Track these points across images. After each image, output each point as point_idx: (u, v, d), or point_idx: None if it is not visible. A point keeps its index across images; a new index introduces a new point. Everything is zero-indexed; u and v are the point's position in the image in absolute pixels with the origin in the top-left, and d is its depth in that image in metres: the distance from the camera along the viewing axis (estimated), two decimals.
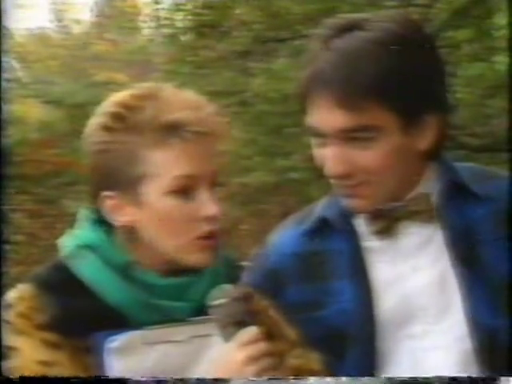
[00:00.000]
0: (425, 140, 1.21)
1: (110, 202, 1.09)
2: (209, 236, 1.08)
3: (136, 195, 1.08)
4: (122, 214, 1.09)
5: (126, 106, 1.08)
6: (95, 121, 1.11)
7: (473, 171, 1.30)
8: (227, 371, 1.02)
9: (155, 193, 1.07)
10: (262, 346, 1.03)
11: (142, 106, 1.07)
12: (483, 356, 1.18)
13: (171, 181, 1.07)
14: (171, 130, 1.07)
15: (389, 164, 1.19)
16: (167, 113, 1.07)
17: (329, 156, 1.19)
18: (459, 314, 1.21)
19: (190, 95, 1.12)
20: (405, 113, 1.18)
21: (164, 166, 1.07)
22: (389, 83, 1.16)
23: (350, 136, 1.18)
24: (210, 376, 1.04)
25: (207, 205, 1.07)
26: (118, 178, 1.08)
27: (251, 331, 1.05)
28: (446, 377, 1.12)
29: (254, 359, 1.02)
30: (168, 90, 1.11)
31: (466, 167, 1.30)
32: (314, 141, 1.23)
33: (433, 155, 1.24)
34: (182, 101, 1.09)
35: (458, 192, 1.25)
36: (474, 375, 1.15)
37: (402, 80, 1.17)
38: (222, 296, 1.07)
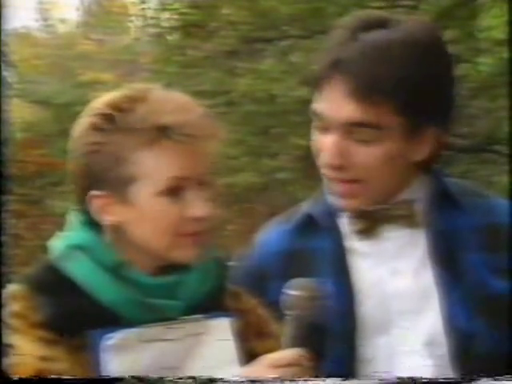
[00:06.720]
0: (421, 152, 1.21)
1: (97, 201, 1.09)
2: (196, 234, 1.10)
3: (125, 195, 1.08)
4: (110, 214, 1.09)
5: (117, 107, 1.09)
6: (84, 121, 1.11)
7: (463, 186, 1.31)
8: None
9: (145, 193, 1.08)
10: (295, 371, 1.04)
11: (133, 108, 1.09)
12: (459, 360, 1.19)
13: (162, 182, 1.07)
14: (162, 132, 1.08)
15: (383, 166, 1.19)
16: (158, 115, 1.08)
17: (328, 144, 1.18)
18: (437, 318, 1.21)
19: (178, 97, 1.13)
20: (411, 120, 1.18)
21: (155, 167, 1.07)
22: (404, 86, 1.15)
23: (353, 130, 1.17)
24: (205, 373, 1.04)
25: (196, 205, 1.09)
26: (106, 178, 1.08)
27: (291, 353, 1.05)
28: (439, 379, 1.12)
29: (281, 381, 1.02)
30: (156, 92, 1.12)
31: (457, 182, 1.31)
32: (315, 124, 1.22)
33: (425, 167, 1.25)
34: (172, 103, 1.10)
35: (445, 201, 1.26)
36: (449, 378, 1.16)
37: (416, 86, 1.16)
38: (300, 288, 1.08)
